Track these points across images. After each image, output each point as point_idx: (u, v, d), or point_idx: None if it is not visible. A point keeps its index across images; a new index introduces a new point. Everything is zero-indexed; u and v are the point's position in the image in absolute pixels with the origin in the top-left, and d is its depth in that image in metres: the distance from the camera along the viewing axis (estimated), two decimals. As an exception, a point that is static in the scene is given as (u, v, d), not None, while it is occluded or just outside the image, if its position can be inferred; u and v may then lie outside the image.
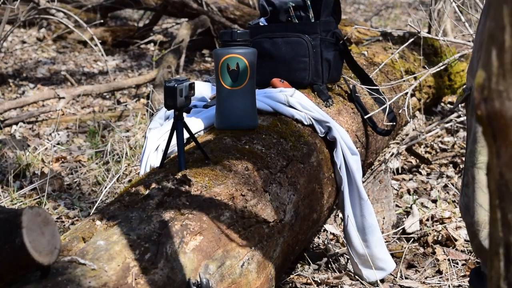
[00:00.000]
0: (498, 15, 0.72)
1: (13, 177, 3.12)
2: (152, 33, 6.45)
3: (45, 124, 4.15)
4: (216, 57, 1.92)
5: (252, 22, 2.45)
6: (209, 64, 5.76)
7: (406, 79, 2.91)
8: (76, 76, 5.48)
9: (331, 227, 2.51)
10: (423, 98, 3.39)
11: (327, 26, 2.35)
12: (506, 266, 0.76)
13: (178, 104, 1.66)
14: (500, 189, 0.75)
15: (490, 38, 0.73)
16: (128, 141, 3.48)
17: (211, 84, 2.35)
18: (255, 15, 5.19)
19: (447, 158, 3.37)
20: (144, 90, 4.87)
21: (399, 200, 2.87)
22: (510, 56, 0.71)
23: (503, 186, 0.75)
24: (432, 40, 3.55)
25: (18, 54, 5.99)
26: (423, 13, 4.76)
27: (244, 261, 1.54)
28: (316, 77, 2.33)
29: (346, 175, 2.10)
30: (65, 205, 2.90)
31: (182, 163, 1.64)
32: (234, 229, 1.55)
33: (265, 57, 2.31)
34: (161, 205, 1.49)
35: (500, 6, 0.71)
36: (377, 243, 2.13)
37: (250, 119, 1.92)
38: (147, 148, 1.98)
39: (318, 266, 2.29)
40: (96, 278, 1.23)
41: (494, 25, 0.73)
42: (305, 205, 1.90)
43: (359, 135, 2.38)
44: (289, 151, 1.92)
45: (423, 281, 2.21)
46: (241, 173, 1.70)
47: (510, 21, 0.71)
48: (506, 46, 0.71)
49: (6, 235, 1.13)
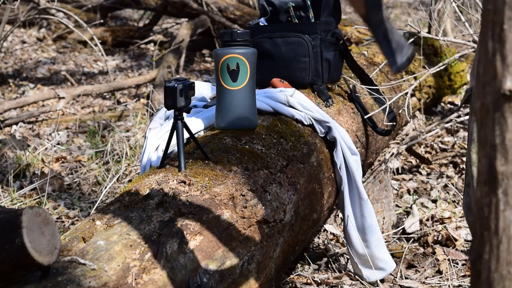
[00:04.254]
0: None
1: (13, 177, 3.12)
2: (152, 33, 6.46)
3: (45, 124, 4.15)
4: (216, 57, 1.92)
5: (252, 22, 2.45)
6: (209, 64, 5.76)
7: (406, 79, 2.91)
8: (76, 76, 5.48)
9: (331, 227, 2.51)
10: (423, 98, 3.39)
11: (327, 26, 2.36)
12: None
13: (178, 104, 1.66)
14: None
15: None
16: (128, 141, 3.48)
17: (211, 84, 2.35)
18: (255, 15, 5.19)
19: (447, 158, 3.37)
20: (144, 90, 4.87)
21: (399, 200, 2.87)
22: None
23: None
24: (432, 40, 3.55)
25: (18, 54, 5.99)
26: (423, 13, 4.76)
27: (244, 261, 1.54)
28: (316, 77, 2.33)
29: (346, 175, 2.10)
30: (65, 205, 2.90)
31: (182, 163, 1.64)
32: (234, 229, 1.55)
33: (265, 57, 2.31)
34: (161, 205, 1.49)
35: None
36: (377, 243, 2.13)
37: (250, 119, 1.92)
38: (147, 148, 1.98)
39: (318, 266, 2.29)
40: (96, 278, 1.23)
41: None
42: (305, 205, 1.90)
43: (359, 135, 2.38)
44: (289, 151, 1.92)
45: (423, 281, 2.21)
46: (241, 173, 1.70)
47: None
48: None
49: (6, 235, 1.13)
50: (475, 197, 0.91)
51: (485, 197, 0.90)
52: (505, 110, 0.86)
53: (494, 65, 0.86)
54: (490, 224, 0.89)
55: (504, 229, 0.87)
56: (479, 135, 0.91)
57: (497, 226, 0.88)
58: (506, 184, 0.87)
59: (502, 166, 0.87)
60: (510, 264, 0.88)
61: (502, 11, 0.85)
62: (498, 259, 0.88)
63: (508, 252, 0.88)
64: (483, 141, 0.90)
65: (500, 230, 0.88)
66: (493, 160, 0.88)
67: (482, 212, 0.90)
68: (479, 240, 0.91)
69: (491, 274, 0.89)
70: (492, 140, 0.88)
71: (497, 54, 0.86)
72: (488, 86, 0.88)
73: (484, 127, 0.89)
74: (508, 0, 0.85)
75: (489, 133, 0.88)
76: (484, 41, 0.88)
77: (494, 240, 0.88)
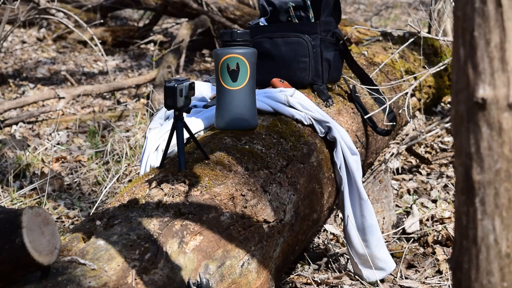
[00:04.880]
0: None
1: (13, 177, 3.12)
2: (152, 33, 6.46)
3: (45, 124, 4.15)
4: (216, 57, 1.92)
5: (252, 22, 2.45)
6: (209, 64, 5.76)
7: (406, 79, 2.91)
8: (76, 76, 5.48)
9: (331, 227, 2.51)
10: (423, 98, 3.39)
11: (327, 26, 2.36)
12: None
13: (178, 104, 1.66)
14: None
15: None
16: (128, 141, 3.48)
17: (211, 84, 2.35)
18: (255, 15, 5.19)
19: (447, 158, 3.37)
20: (144, 90, 4.87)
21: (399, 200, 2.87)
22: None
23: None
24: (432, 40, 3.55)
25: (18, 54, 5.99)
26: (423, 13, 4.76)
27: (244, 261, 1.54)
28: (316, 77, 2.33)
29: (346, 175, 2.10)
30: (65, 205, 2.90)
31: (182, 163, 1.64)
32: (234, 229, 1.55)
33: (265, 57, 2.31)
34: (161, 205, 1.49)
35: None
36: (377, 243, 2.13)
37: (250, 119, 1.92)
38: (147, 148, 1.98)
39: (318, 266, 2.29)
40: (96, 278, 1.23)
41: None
42: (305, 205, 1.90)
43: (359, 135, 2.38)
44: (289, 151, 1.92)
45: (423, 281, 2.21)
46: (241, 173, 1.70)
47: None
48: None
49: (6, 235, 1.13)
50: (454, 206, 0.91)
51: (462, 206, 0.88)
52: (479, 118, 0.85)
53: (466, 72, 0.85)
54: (469, 233, 0.87)
55: (483, 238, 0.86)
56: (455, 143, 0.90)
57: (476, 235, 0.87)
58: (483, 193, 0.86)
59: (478, 175, 0.86)
60: (490, 274, 0.86)
61: (472, 18, 0.84)
62: (478, 269, 0.87)
63: (488, 261, 0.86)
64: (458, 150, 0.88)
65: (478, 239, 0.86)
66: (469, 169, 0.87)
67: (461, 221, 0.89)
68: (459, 249, 0.89)
69: (472, 283, 0.88)
70: (467, 149, 0.87)
71: (469, 62, 0.85)
72: (461, 94, 0.86)
73: (459, 136, 0.88)
74: (477, 7, 0.84)
75: (464, 142, 0.87)
76: (456, 48, 0.87)
77: (473, 250, 0.87)
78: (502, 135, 0.84)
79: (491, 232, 0.85)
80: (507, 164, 0.84)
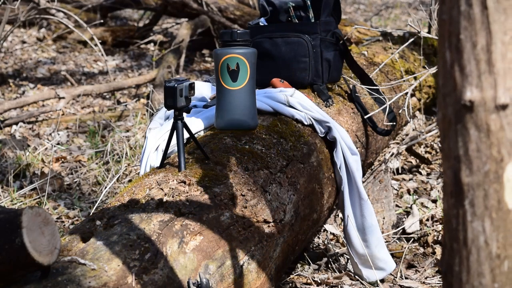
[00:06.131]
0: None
1: (13, 177, 3.12)
2: (152, 33, 6.45)
3: (45, 124, 4.15)
4: (216, 57, 1.92)
5: (252, 22, 2.45)
6: (209, 64, 5.76)
7: (406, 79, 2.91)
8: (76, 76, 5.48)
9: (331, 227, 2.51)
10: (423, 98, 3.39)
11: (327, 26, 2.36)
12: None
13: (178, 104, 1.66)
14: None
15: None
16: (128, 141, 3.48)
17: (211, 84, 2.35)
18: (255, 15, 5.19)
19: (447, 158, 3.37)
20: (144, 90, 4.87)
21: (399, 200, 2.87)
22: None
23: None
24: (432, 40, 3.55)
25: (18, 54, 5.99)
26: (423, 13, 4.76)
27: (244, 261, 1.54)
28: (316, 77, 2.33)
29: (346, 175, 2.10)
30: (65, 205, 2.90)
31: (182, 163, 1.64)
32: (234, 229, 1.55)
33: (265, 57, 2.31)
34: (161, 205, 1.49)
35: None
36: (377, 243, 2.13)
37: (250, 119, 1.92)
38: (147, 148, 1.98)
39: (318, 266, 2.29)
40: (96, 278, 1.23)
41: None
42: (305, 205, 1.90)
43: (359, 135, 2.38)
44: (289, 151, 1.92)
45: (423, 281, 2.21)
46: (241, 173, 1.70)
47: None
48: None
49: (6, 235, 1.13)
50: (443, 209, 0.91)
51: (452, 209, 0.88)
52: (467, 121, 0.85)
53: (453, 75, 0.85)
54: (459, 236, 0.87)
55: (473, 240, 0.86)
56: (443, 147, 0.90)
57: (466, 238, 0.87)
58: (472, 195, 0.86)
59: (467, 177, 0.86)
60: (481, 275, 0.86)
61: (458, 22, 0.84)
62: (468, 271, 0.87)
63: (479, 263, 0.86)
64: (447, 153, 0.88)
65: (469, 241, 0.86)
66: (458, 172, 0.87)
67: (450, 224, 0.89)
68: (449, 252, 0.89)
69: (463, 286, 0.88)
70: (455, 152, 0.87)
71: (455, 65, 0.85)
72: (448, 97, 0.86)
73: (447, 139, 0.88)
74: (463, 10, 0.83)
75: (453, 145, 0.87)
76: (442, 51, 0.87)
77: (464, 252, 0.87)
78: (490, 137, 0.84)
79: (481, 233, 0.85)
80: (495, 165, 0.84)
